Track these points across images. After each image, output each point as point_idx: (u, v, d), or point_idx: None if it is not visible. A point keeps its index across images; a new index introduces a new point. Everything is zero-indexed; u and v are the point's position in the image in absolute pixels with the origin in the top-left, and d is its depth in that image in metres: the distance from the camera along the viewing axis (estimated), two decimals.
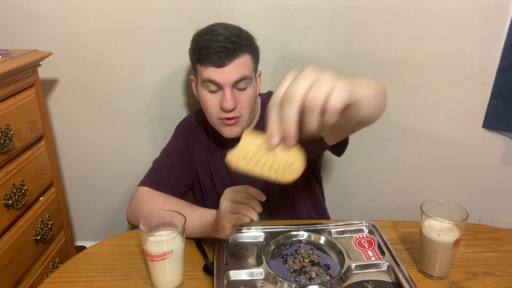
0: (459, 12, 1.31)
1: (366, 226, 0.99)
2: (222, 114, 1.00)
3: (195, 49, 1.00)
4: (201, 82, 1.00)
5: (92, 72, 1.40)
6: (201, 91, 1.02)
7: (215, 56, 0.95)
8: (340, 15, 1.32)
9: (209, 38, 0.96)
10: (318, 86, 0.48)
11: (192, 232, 0.95)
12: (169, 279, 0.81)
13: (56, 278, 0.86)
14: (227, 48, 0.95)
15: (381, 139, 1.49)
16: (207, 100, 1.01)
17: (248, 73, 0.99)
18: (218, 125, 1.04)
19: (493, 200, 1.58)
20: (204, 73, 0.98)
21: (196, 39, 1.01)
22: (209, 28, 1.00)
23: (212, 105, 1.00)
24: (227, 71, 0.96)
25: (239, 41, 0.96)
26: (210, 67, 0.96)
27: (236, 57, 0.96)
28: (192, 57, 1.02)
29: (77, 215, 1.66)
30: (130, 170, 1.56)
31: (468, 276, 0.86)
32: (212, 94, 1.00)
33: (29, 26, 1.33)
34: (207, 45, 0.95)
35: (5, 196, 1.06)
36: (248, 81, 1.00)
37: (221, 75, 0.96)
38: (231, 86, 0.97)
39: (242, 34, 1.00)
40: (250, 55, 1.00)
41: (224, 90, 0.98)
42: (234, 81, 0.97)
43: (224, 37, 0.95)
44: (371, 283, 0.82)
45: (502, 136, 1.48)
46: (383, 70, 1.39)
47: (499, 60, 1.36)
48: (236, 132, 1.03)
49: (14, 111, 1.11)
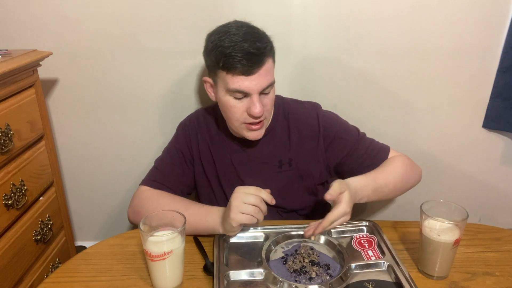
0: (459, 12, 1.31)
1: (366, 226, 1.00)
2: (248, 120, 0.99)
3: (218, 56, 0.95)
4: (226, 90, 0.98)
5: (92, 72, 1.40)
6: (225, 97, 0.99)
7: (243, 64, 0.92)
8: (339, 19, 1.32)
9: (234, 46, 0.92)
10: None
11: (196, 228, 0.96)
12: (169, 279, 0.81)
13: (56, 278, 0.86)
14: (254, 55, 0.92)
15: (381, 139, 1.49)
16: (233, 107, 0.98)
17: (273, 78, 0.99)
18: (242, 129, 1.02)
19: (493, 200, 1.58)
20: (232, 83, 0.95)
21: (217, 44, 0.95)
22: (228, 31, 0.95)
23: (238, 111, 0.99)
24: (256, 79, 0.94)
25: (263, 45, 0.94)
26: (237, 76, 0.93)
27: (263, 64, 0.94)
28: (215, 63, 0.96)
29: (77, 215, 1.66)
30: (130, 170, 1.56)
31: (468, 276, 0.86)
32: (238, 100, 0.98)
33: (29, 26, 1.33)
34: (233, 53, 0.92)
35: (5, 196, 1.06)
36: (272, 85, 1.00)
37: (250, 83, 0.94)
38: (259, 93, 0.96)
39: (262, 36, 0.97)
40: (271, 58, 0.99)
41: (252, 97, 0.96)
42: (263, 88, 0.96)
43: (249, 43, 0.92)
44: (371, 282, 0.82)
45: (502, 136, 1.48)
46: (383, 70, 1.39)
47: (499, 60, 1.36)
48: (260, 135, 1.04)
49: (14, 111, 1.11)
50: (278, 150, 1.12)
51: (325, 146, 1.12)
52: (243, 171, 1.12)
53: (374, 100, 1.44)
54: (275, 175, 1.12)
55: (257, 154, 1.11)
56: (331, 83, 1.41)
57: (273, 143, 1.11)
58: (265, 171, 1.12)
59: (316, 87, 1.41)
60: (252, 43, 0.92)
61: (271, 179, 1.11)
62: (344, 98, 1.43)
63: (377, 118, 1.46)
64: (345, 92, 1.43)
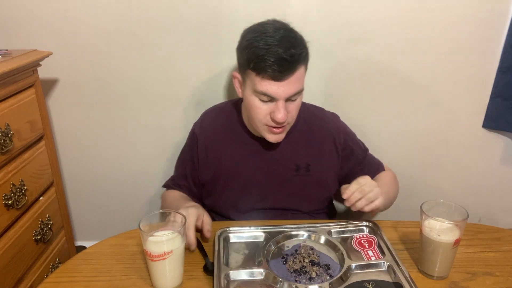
0: (459, 12, 1.31)
1: (366, 226, 1.00)
2: (270, 123, 0.99)
3: (250, 56, 0.94)
4: (253, 91, 0.97)
5: (92, 72, 1.40)
6: (251, 97, 0.98)
7: (273, 69, 0.90)
8: (339, 19, 1.32)
9: (268, 49, 0.90)
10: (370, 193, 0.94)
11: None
12: (169, 279, 0.81)
13: (56, 278, 0.86)
14: (287, 61, 0.91)
15: (381, 138, 1.49)
16: (257, 107, 0.98)
17: (302, 86, 0.98)
18: (264, 130, 1.03)
19: (493, 200, 1.58)
20: (260, 85, 0.94)
21: (251, 44, 0.94)
22: (264, 32, 0.94)
23: (262, 113, 0.98)
24: (284, 85, 0.93)
25: (298, 52, 0.92)
26: (266, 79, 0.93)
27: (294, 71, 0.93)
28: (246, 63, 0.95)
29: (77, 215, 1.66)
30: (130, 170, 1.56)
31: (468, 276, 0.86)
32: (263, 102, 0.97)
33: (29, 26, 1.33)
34: (265, 57, 0.90)
35: (5, 196, 1.06)
36: (300, 93, 0.99)
37: (277, 89, 0.93)
38: (285, 99, 0.96)
39: (298, 41, 0.95)
40: (304, 65, 0.97)
41: (277, 102, 0.95)
42: (290, 95, 0.95)
43: (283, 49, 0.90)
44: (371, 283, 0.82)
45: (502, 136, 1.48)
46: (383, 70, 1.39)
47: (499, 60, 1.36)
48: (280, 138, 1.04)
49: (14, 111, 1.11)
50: (296, 154, 1.12)
51: (342, 157, 1.15)
52: (260, 172, 1.12)
53: (374, 100, 1.44)
54: (292, 179, 1.12)
55: (275, 155, 1.12)
56: (330, 82, 1.41)
57: (291, 146, 1.11)
58: (281, 173, 1.12)
59: (316, 87, 1.41)
60: (287, 49, 0.90)
61: (287, 182, 1.12)
62: (344, 97, 1.43)
63: (377, 118, 1.46)
64: (345, 91, 1.43)
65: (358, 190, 0.93)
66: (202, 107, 1.44)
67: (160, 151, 1.53)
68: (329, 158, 1.14)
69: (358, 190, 0.93)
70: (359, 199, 0.93)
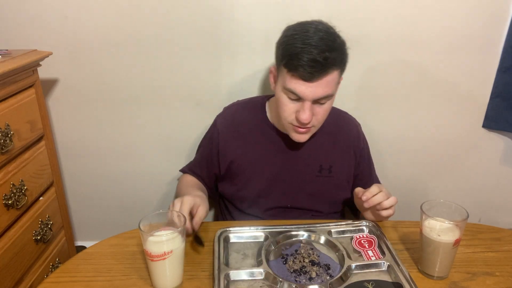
0: (459, 11, 1.31)
1: (366, 226, 0.99)
2: (295, 122, 1.00)
3: (284, 52, 0.94)
4: (283, 87, 0.97)
5: (92, 72, 1.40)
6: (280, 93, 0.99)
7: (304, 69, 0.91)
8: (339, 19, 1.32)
9: (303, 48, 0.90)
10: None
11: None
12: (169, 279, 0.81)
13: (56, 278, 0.86)
14: (319, 63, 0.90)
15: (381, 138, 1.49)
16: (284, 105, 0.99)
17: (332, 91, 0.97)
18: (289, 128, 1.03)
19: (493, 200, 1.58)
20: (289, 83, 0.94)
21: (288, 42, 0.95)
22: (305, 31, 0.94)
23: (288, 110, 0.99)
24: (313, 87, 0.93)
25: (332, 56, 0.92)
26: (296, 78, 0.93)
27: (325, 75, 0.92)
28: (281, 59, 0.96)
29: (77, 215, 1.66)
30: (129, 170, 1.56)
31: (468, 276, 0.86)
32: (291, 100, 0.98)
33: (29, 26, 1.33)
34: (299, 55, 0.91)
35: (5, 196, 1.06)
36: (329, 97, 0.98)
37: (305, 89, 0.93)
38: (312, 101, 0.96)
39: (336, 45, 0.94)
40: (339, 70, 0.97)
41: (304, 103, 0.96)
42: (317, 98, 0.95)
43: (319, 50, 0.90)
44: (371, 283, 0.82)
45: (502, 136, 1.48)
46: (383, 71, 1.39)
47: (499, 60, 1.36)
48: (304, 139, 1.04)
49: (14, 111, 1.11)
50: (320, 155, 1.13)
51: (356, 163, 1.18)
52: (284, 170, 1.12)
53: (374, 100, 1.44)
54: (314, 179, 1.13)
55: (300, 154, 1.12)
56: None
57: (317, 147, 1.12)
58: (304, 173, 1.13)
59: None
60: (322, 52, 0.90)
61: (309, 182, 1.13)
62: (344, 98, 1.43)
63: (376, 118, 1.46)
64: (344, 91, 1.43)
65: (382, 194, 0.96)
66: (202, 107, 1.44)
67: (160, 151, 1.53)
68: (348, 162, 1.16)
69: (382, 194, 0.96)
70: (382, 201, 0.96)
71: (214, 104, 1.36)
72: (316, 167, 1.13)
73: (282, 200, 1.14)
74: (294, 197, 1.14)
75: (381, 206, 0.96)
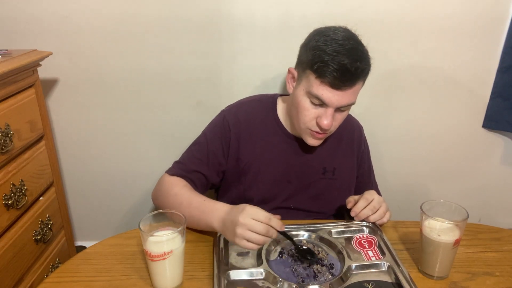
0: (459, 12, 1.31)
1: (367, 226, 0.99)
2: (314, 127, 1.00)
3: (315, 58, 0.92)
4: (307, 92, 0.97)
5: (92, 72, 1.40)
6: (302, 97, 0.98)
7: (334, 77, 0.90)
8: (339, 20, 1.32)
9: (335, 56, 0.90)
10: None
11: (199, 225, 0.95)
12: (169, 279, 0.81)
13: (56, 278, 0.86)
14: (350, 72, 0.90)
15: (381, 139, 1.49)
16: (306, 109, 0.98)
17: (355, 99, 0.98)
18: (305, 133, 1.03)
19: (493, 200, 1.58)
20: (316, 88, 0.94)
21: (320, 46, 0.93)
22: (335, 38, 0.93)
23: (310, 115, 0.98)
24: (340, 95, 0.93)
25: (362, 67, 0.92)
26: (325, 85, 0.92)
27: (354, 85, 0.93)
28: (309, 63, 0.94)
29: (77, 215, 1.66)
30: (129, 170, 1.56)
31: (468, 276, 0.86)
32: (313, 105, 0.97)
33: (29, 26, 1.33)
34: (330, 62, 0.90)
35: (5, 196, 1.06)
36: (351, 105, 0.99)
37: (332, 96, 0.93)
38: (335, 108, 0.96)
39: (365, 56, 0.95)
40: (363, 80, 0.97)
41: (327, 109, 0.96)
42: (342, 105, 0.96)
43: (351, 60, 0.90)
44: (371, 283, 0.82)
45: (502, 136, 1.48)
46: (383, 71, 1.39)
47: (499, 60, 1.36)
48: (319, 143, 1.05)
49: (14, 111, 1.11)
50: (325, 157, 1.13)
51: (358, 164, 1.18)
52: (291, 171, 1.12)
53: (374, 100, 1.44)
54: (318, 181, 1.13)
55: (306, 156, 1.12)
56: None
57: (321, 149, 1.12)
58: (309, 175, 1.13)
59: None
60: (353, 61, 0.90)
61: (313, 184, 1.13)
62: None
63: (376, 118, 1.46)
64: None
65: (369, 208, 0.98)
66: (202, 107, 1.44)
67: (160, 151, 1.53)
68: (351, 164, 1.17)
69: (369, 208, 0.98)
70: (369, 215, 0.98)
71: (214, 104, 1.36)
72: (320, 170, 1.13)
73: (285, 201, 1.14)
74: (297, 198, 1.14)
75: (368, 220, 0.99)
